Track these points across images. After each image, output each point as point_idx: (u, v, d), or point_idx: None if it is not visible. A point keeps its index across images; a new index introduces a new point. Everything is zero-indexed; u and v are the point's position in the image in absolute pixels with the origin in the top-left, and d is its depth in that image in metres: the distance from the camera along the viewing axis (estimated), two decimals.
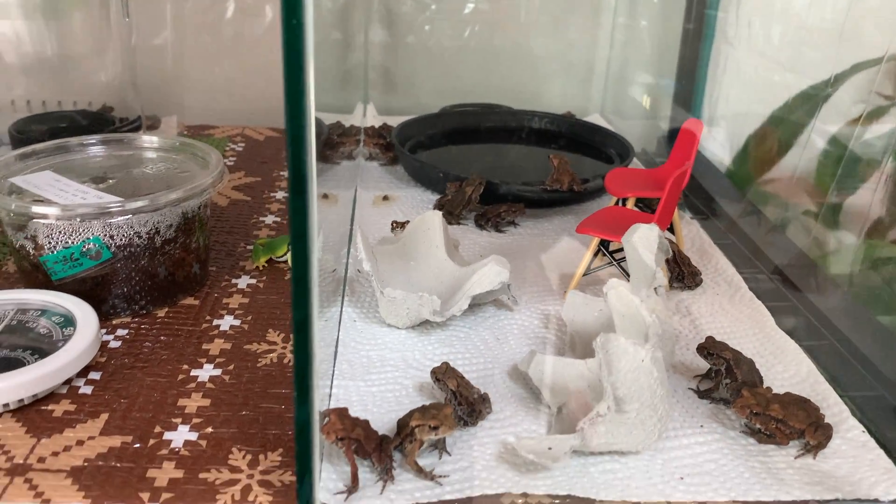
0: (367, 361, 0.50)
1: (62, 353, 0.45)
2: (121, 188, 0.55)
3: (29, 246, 0.51)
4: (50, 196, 0.52)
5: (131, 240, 0.51)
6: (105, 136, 0.59)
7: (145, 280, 0.53)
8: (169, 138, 0.60)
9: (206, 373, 0.48)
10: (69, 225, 0.49)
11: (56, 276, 0.51)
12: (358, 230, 0.53)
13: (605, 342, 0.39)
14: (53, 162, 0.58)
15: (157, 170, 0.58)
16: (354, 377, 0.48)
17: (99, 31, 0.77)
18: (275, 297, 0.57)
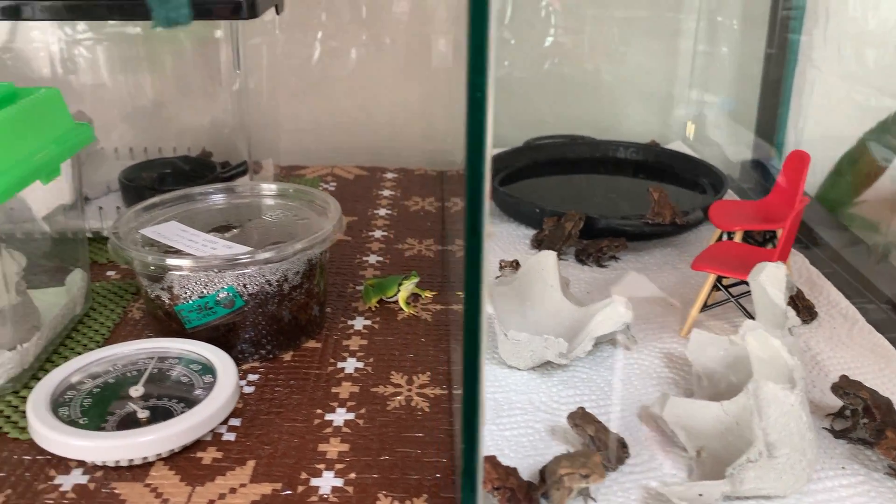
0: (494, 404, 0.51)
1: (209, 402, 0.46)
2: (245, 237, 0.57)
3: (164, 296, 0.53)
4: (181, 247, 0.54)
5: (262, 287, 0.53)
6: (226, 185, 0.61)
7: (272, 325, 0.55)
8: (284, 184, 0.62)
9: (339, 417, 0.50)
10: (205, 276, 0.51)
11: (190, 325, 0.53)
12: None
13: (755, 388, 0.39)
14: (177, 212, 0.60)
15: (276, 217, 0.60)
16: (485, 421, 0.49)
17: (209, 80, 0.80)
18: (392, 339, 0.58)
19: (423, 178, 0.94)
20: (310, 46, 0.99)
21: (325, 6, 0.97)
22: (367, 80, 1.02)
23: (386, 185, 0.91)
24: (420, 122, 1.04)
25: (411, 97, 1.03)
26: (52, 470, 0.45)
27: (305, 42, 0.99)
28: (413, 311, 0.62)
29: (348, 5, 0.98)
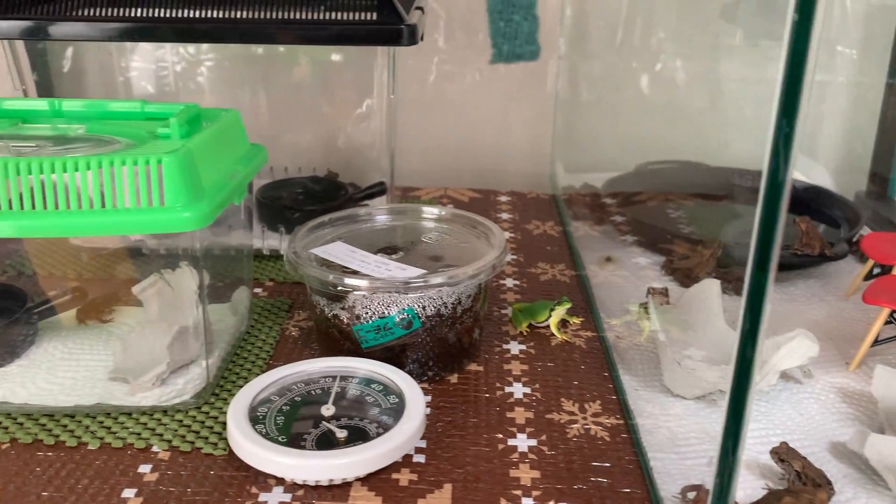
0: (669, 434, 0.51)
1: (405, 424, 0.47)
2: (412, 259, 0.57)
3: (344, 315, 0.54)
4: (355, 267, 0.55)
5: (439, 310, 0.53)
6: (391, 207, 0.62)
7: (439, 347, 0.55)
8: (441, 208, 0.63)
9: (522, 443, 0.50)
10: (388, 297, 0.52)
11: (366, 345, 0.54)
12: (651, 299, 0.54)
13: None
14: (341, 232, 0.61)
15: (436, 239, 0.61)
16: (663, 449, 0.49)
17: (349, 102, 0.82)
18: (552, 365, 0.59)
19: (537, 202, 0.94)
20: (425, 70, 1.01)
21: (443, 31, 0.99)
22: (477, 104, 1.03)
23: (502, 207, 0.92)
24: (526, 145, 1.05)
25: (519, 121, 1.04)
26: (253, 487, 0.46)
27: (419, 66, 1.01)
28: (566, 338, 0.62)
29: (465, 30, 1.00)
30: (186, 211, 0.45)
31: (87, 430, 0.50)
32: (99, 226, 0.44)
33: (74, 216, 0.44)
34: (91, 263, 0.71)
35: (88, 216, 0.44)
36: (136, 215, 0.45)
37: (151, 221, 0.45)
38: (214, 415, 0.52)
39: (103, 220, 0.45)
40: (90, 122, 0.55)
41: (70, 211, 0.44)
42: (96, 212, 0.45)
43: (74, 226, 0.44)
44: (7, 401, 0.51)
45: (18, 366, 0.55)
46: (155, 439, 0.49)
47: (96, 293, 0.61)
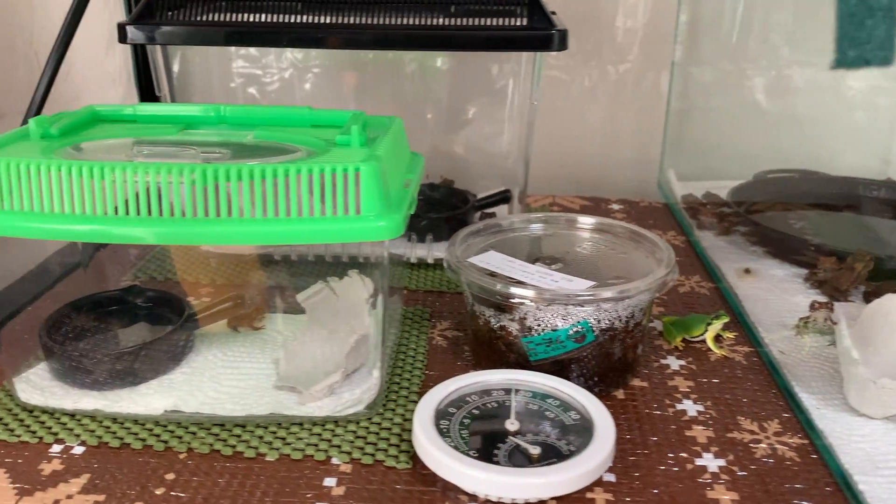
0: (864, 455, 0.49)
1: (599, 443, 0.45)
2: (572, 270, 0.56)
3: (513, 327, 0.53)
4: (517, 277, 0.54)
5: (612, 323, 0.52)
6: (545, 215, 0.61)
7: (606, 361, 0.54)
8: (596, 217, 0.61)
9: (709, 462, 0.48)
10: (563, 309, 0.51)
11: (535, 357, 0.53)
12: (841, 315, 0.52)
13: None
14: (492, 241, 0.60)
15: (592, 250, 0.60)
16: (865, 471, 0.47)
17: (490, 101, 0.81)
18: (717, 382, 0.57)
19: (651, 211, 0.93)
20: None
21: None
22: (583, 111, 1.02)
23: (616, 216, 0.90)
24: (633, 153, 1.03)
25: (625, 128, 1.02)
26: (446, 502, 0.45)
27: None
28: (724, 353, 0.60)
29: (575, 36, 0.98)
30: (381, 220, 0.45)
31: (262, 441, 0.49)
32: (293, 234, 0.44)
33: (270, 224, 0.44)
34: (220, 269, 0.71)
35: (283, 224, 0.44)
36: (331, 224, 0.44)
37: (347, 230, 0.44)
38: (388, 426, 0.51)
39: (297, 229, 0.44)
40: (256, 129, 0.54)
41: (266, 219, 0.44)
42: (291, 220, 0.44)
43: (270, 234, 0.44)
44: (178, 409, 0.51)
45: (182, 373, 0.54)
46: (334, 451, 0.48)
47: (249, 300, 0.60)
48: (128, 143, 0.52)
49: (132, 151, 0.49)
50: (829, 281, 0.69)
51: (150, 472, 0.47)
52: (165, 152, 0.47)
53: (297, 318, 0.59)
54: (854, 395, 0.51)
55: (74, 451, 0.48)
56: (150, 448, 0.49)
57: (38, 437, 0.49)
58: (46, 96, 0.62)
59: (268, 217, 0.44)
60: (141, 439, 0.49)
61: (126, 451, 0.49)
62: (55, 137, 0.51)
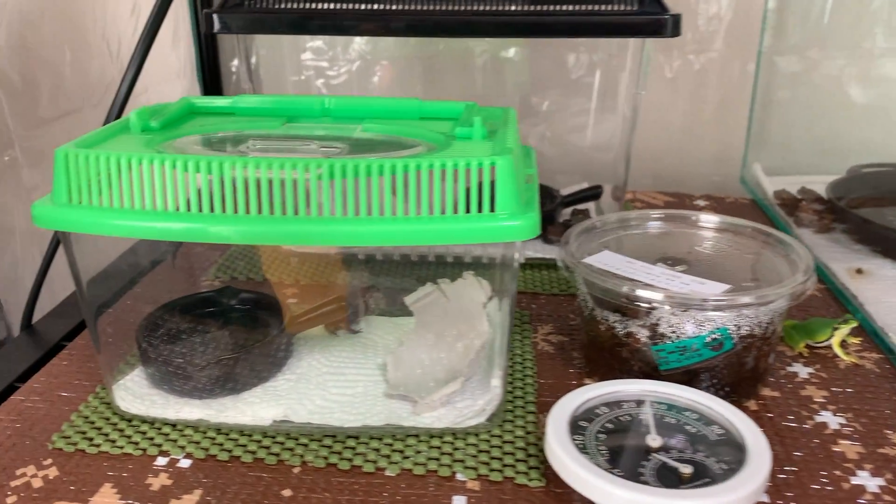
0: None
1: (756, 461, 0.41)
2: (698, 271, 0.52)
3: (642, 334, 0.49)
4: (644, 279, 0.50)
5: (752, 330, 0.48)
6: (663, 213, 0.58)
7: (738, 370, 0.50)
8: (714, 215, 0.57)
9: (867, 482, 0.44)
10: (702, 315, 0.47)
11: (666, 367, 0.49)
12: None
13: None
14: (605, 240, 0.57)
15: (714, 250, 0.56)
16: None
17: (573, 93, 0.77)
18: (851, 391, 0.52)
19: (739, 207, 0.88)
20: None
21: None
22: (663, 102, 0.98)
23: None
24: (713, 147, 0.99)
25: (706, 120, 0.98)
26: None
27: None
28: (854, 360, 0.56)
29: None
30: (517, 219, 0.41)
31: (379, 454, 0.46)
32: (426, 234, 0.40)
33: (400, 223, 0.40)
34: (302, 269, 0.69)
35: (415, 224, 0.40)
36: (464, 223, 0.41)
37: (481, 230, 0.41)
38: (510, 439, 0.47)
39: (430, 229, 0.40)
40: (364, 122, 0.51)
41: (394, 218, 0.41)
42: (422, 219, 0.41)
43: (402, 234, 0.40)
44: (287, 419, 0.48)
45: (286, 380, 0.51)
46: (458, 466, 0.45)
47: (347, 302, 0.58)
48: (232, 136, 0.49)
49: (244, 146, 0.46)
50: None
51: (264, 488, 0.44)
52: (281, 147, 0.44)
53: (397, 321, 0.56)
54: None
55: (181, 465, 0.46)
56: (261, 461, 0.46)
57: (142, 448, 0.47)
58: (129, 94, 0.59)
59: (396, 216, 0.41)
60: (250, 452, 0.46)
61: (235, 465, 0.46)
62: (156, 130, 0.48)
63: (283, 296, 0.62)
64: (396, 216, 0.41)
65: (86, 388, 0.53)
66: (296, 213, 0.40)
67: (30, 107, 0.67)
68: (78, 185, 0.42)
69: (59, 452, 0.47)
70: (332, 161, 0.40)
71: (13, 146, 0.65)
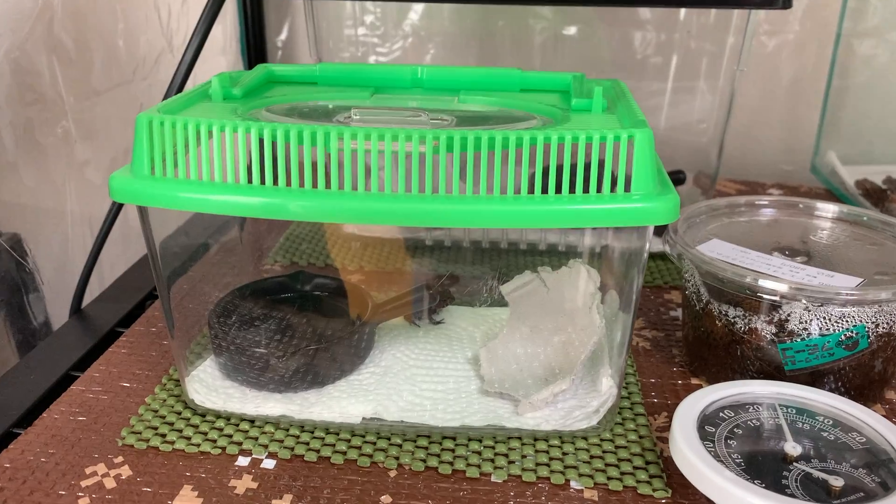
0: None
1: None
2: (819, 262, 0.48)
3: (767, 330, 0.45)
4: (769, 272, 0.46)
5: (891, 328, 0.44)
6: (776, 199, 0.53)
7: (864, 371, 0.46)
8: (832, 203, 0.53)
9: None
10: (839, 311, 0.43)
11: (792, 367, 0.45)
12: None
13: None
14: (713, 226, 0.52)
15: (832, 240, 0.51)
16: None
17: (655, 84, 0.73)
18: None
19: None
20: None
21: None
22: None
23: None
24: (781, 132, 0.94)
25: (776, 105, 0.93)
26: None
27: None
28: None
29: None
30: (654, 201, 0.37)
31: (481, 458, 0.42)
32: (558, 216, 0.36)
33: (525, 203, 0.36)
34: (366, 253, 0.65)
35: (543, 204, 0.36)
36: (597, 203, 0.36)
37: (616, 212, 0.36)
38: (623, 444, 0.43)
39: (561, 210, 0.36)
40: (460, 93, 0.47)
41: (518, 198, 0.36)
42: (548, 199, 0.36)
43: (532, 215, 0.36)
44: (379, 416, 0.44)
45: (371, 373, 0.47)
46: (571, 473, 0.41)
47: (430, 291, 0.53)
48: (324, 107, 0.44)
49: (342, 117, 0.41)
50: None
51: (359, 492, 0.40)
52: (387, 117, 0.40)
53: (480, 311, 0.52)
54: None
55: (265, 465, 0.41)
56: (353, 463, 0.42)
57: (220, 447, 0.43)
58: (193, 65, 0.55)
59: (520, 196, 0.36)
60: (340, 452, 0.42)
61: (324, 466, 0.42)
62: (238, 99, 0.44)
63: (357, 282, 0.58)
64: (520, 196, 0.36)
65: (150, 379, 0.49)
66: (408, 189, 0.36)
67: (83, 77, 0.63)
68: (162, 155, 0.38)
69: (130, 449, 0.43)
70: (451, 132, 0.36)
71: (66, 117, 0.61)
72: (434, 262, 0.65)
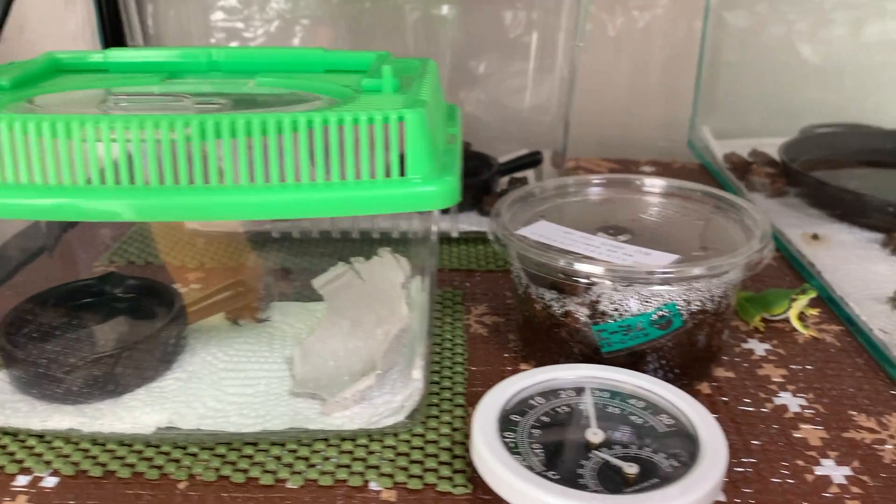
0: None
1: (711, 455, 0.36)
2: (643, 240, 0.47)
3: (581, 312, 0.43)
4: (584, 252, 0.45)
5: (704, 306, 0.43)
6: (604, 177, 0.52)
7: (688, 350, 0.45)
8: (667, 179, 0.52)
9: (832, 471, 0.39)
10: (647, 290, 0.42)
11: (608, 349, 0.44)
12: None
13: None
14: (542, 209, 0.51)
15: (661, 217, 0.50)
16: None
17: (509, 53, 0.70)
18: (811, 369, 0.48)
19: (687, 172, 0.84)
20: None
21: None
22: (606, 63, 0.92)
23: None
24: (659, 110, 0.94)
25: (651, 82, 0.93)
26: None
27: None
28: (813, 333, 0.52)
29: None
30: (432, 184, 0.35)
31: (280, 463, 0.40)
32: (324, 205, 0.34)
33: (289, 192, 0.34)
34: (209, 251, 0.61)
35: (308, 192, 0.34)
36: (369, 190, 0.34)
37: (390, 198, 0.34)
38: (433, 438, 0.41)
39: (328, 198, 0.34)
40: (258, 76, 0.44)
41: (284, 186, 0.34)
42: (317, 186, 0.34)
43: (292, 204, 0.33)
44: (174, 426, 0.41)
45: (175, 379, 0.44)
46: (372, 473, 0.39)
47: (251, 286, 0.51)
48: (99, 94, 0.41)
49: (106, 104, 0.38)
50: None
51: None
52: (149, 103, 0.37)
53: (310, 306, 0.49)
54: None
55: (45, 484, 0.38)
56: (141, 476, 0.39)
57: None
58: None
59: (286, 183, 0.34)
60: (129, 465, 0.39)
61: (111, 482, 0.39)
62: (6, 90, 0.41)
63: (183, 281, 0.55)
64: (286, 184, 0.34)
65: None
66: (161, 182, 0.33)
67: None
68: None
69: None
70: (202, 117, 0.33)
71: None
72: (282, 256, 0.62)
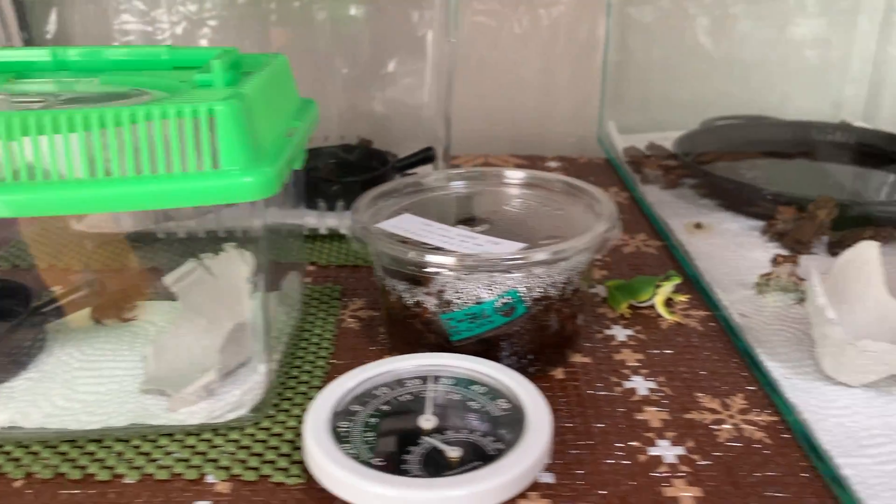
0: (846, 431, 0.41)
1: (531, 437, 0.37)
2: (500, 231, 0.47)
3: (430, 302, 0.44)
4: (436, 243, 0.45)
5: (546, 291, 0.44)
6: (466, 171, 0.52)
7: (540, 336, 0.45)
8: (527, 171, 0.52)
9: (666, 451, 0.40)
10: (488, 278, 0.42)
11: (457, 337, 0.44)
12: (812, 269, 0.45)
13: None
14: (406, 203, 0.51)
15: (522, 208, 0.51)
16: (849, 452, 0.40)
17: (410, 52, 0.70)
18: (670, 353, 0.49)
19: (592, 167, 0.85)
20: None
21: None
22: (514, 60, 0.93)
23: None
24: (569, 106, 0.95)
25: (560, 79, 0.94)
26: None
27: None
28: (677, 319, 0.53)
29: None
30: (247, 175, 0.35)
31: (120, 459, 0.40)
32: (129, 198, 0.34)
33: (101, 187, 0.34)
34: (97, 252, 0.61)
35: (119, 186, 0.34)
36: (182, 183, 0.34)
37: (203, 190, 0.34)
38: (278, 431, 0.42)
39: (139, 191, 0.34)
40: (105, 75, 0.44)
41: (95, 180, 0.34)
42: (128, 180, 0.34)
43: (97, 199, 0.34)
44: (17, 425, 0.41)
45: (27, 379, 0.44)
46: (209, 467, 0.39)
47: (114, 286, 0.51)
48: None
49: None
50: (790, 232, 0.62)
51: None
52: None
53: (171, 305, 0.49)
54: (829, 360, 0.44)
55: None
56: None
57: None
58: None
59: (97, 178, 0.34)
60: None
61: None
62: None
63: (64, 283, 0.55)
64: (96, 178, 0.34)
65: None
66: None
67: None
68: None
69: None
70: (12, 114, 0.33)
71: None
72: (170, 256, 0.62)
